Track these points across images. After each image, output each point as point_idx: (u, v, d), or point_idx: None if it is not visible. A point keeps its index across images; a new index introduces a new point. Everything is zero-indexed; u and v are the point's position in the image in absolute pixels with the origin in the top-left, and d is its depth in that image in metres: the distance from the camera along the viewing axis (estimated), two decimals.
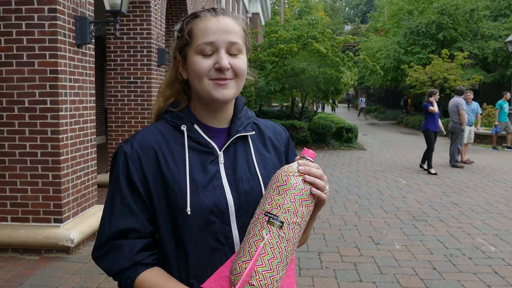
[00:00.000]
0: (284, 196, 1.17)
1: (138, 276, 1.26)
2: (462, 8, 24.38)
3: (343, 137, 16.15)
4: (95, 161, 5.87)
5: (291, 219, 1.16)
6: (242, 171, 1.33)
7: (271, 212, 1.16)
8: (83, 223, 5.26)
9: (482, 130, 16.98)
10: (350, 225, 6.37)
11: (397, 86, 30.14)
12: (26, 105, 4.91)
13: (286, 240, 1.16)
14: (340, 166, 11.81)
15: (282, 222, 1.16)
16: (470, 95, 12.08)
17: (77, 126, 5.31)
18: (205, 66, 1.26)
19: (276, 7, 52.99)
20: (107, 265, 1.28)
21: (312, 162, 1.23)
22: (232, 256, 1.24)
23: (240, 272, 1.14)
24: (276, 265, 1.15)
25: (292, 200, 1.17)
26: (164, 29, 9.13)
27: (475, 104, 12.20)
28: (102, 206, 5.91)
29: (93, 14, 5.69)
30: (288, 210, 1.16)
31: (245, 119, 1.40)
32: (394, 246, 5.49)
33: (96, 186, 5.95)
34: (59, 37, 4.89)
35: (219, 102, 1.30)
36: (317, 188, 1.21)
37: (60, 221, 5.00)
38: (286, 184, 1.18)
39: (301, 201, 1.18)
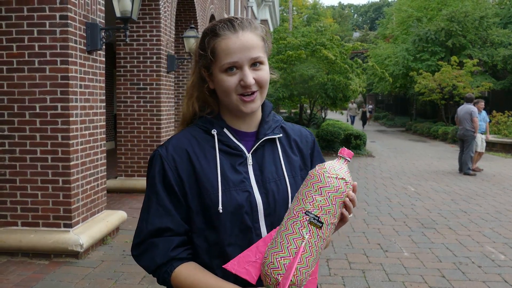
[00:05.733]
0: (326, 198, 1.21)
1: (175, 270, 1.33)
2: (471, 15, 24.30)
3: (352, 144, 16.12)
4: (105, 167, 5.91)
5: (330, 220, 1.22)
6: (269, 172, 1.40)
7: (312, 212, 1.21)
8: (92, 228, 5.29)
9: (491, 137, 16.88)
10: (358, 232, 6.36)
11: (406, 93, 30.06)
12: (37, 110, 4.95)
13: (323, 240, 1.23)
14: None
15: (322, 223, 1.21)
16: (482, 103, 12.03)
17: (87, 132, 5.35)
18: (231, 84, 1.33)
19: (285, 14, 53.11)
20: (146, 262, 1.36)
21: (349, 161, 1.27)
22: (257, 242, 1.29)
23: (279, 268, 1.20)
24: (312, 262, 1.22)
25: (333, 203, 1.22)
26: (174, 36, 9.19)
27: (484, 113, 12.16)
28: (111, 212, 5.97)
29: (103, 21, 5.75)
30: (328, 212, 1.22)
31: (273, 122, 1.47)
32: (403, 253, 5.47)
33: (106, 192, 5.99)
34: (70, 44, 4.94)
35: (247, 114, 1.38)
36: (347, 209, 1.27)
37: (69, 226, 5.03)
38: (329, 186, 1.22)
39: (340, 203, 1.23)
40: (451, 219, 7.11)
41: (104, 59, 5.81)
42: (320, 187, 1.22)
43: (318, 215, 1.20)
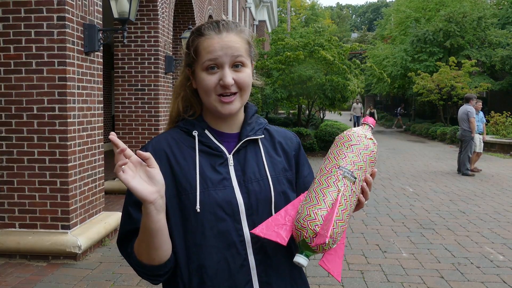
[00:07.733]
0: (357, 155, 1.27)
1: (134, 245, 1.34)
2: (470, 16, 24.34)
3: None
4: (103, 168, 5.90)
5: (361, 176, 1.28)
6: (251, 172, 1.39)
7: (345, 167, 1.25)
8: (90, 230, 5.28)
9: (489, 138, 16.90)
10: (357, 233, 6.35)
11: (404, 93, 30.08)
12: (35, 112, 4.94)
13: (356, 195, 1.27)
14: None
15: (355, 178, 1.26)
16: (480, 103, 12.03)
17: (85, 133, 5.34)
18: (211, 83, 1.34)
19: (283, 15, 53.14)
20: (131, 265, 1.37)
21: (372, 128, 1.33)
22: (286, 206, 1.31)
23: (316, 219, 1.21)
24: (346, 216, 1.24)
25: (364, 160, 1.28)
26: (172, 37, 9.18)
27: (481, 113, 12.16)
28: (109, 213, 5.96)
29: (101, 22, 5.74)
30: (360, 168, 1.27)
31: (256, 124, 1.47)
32: (401, 254, 5.46)
33: (104, 193, 5.97)
34: (67, 45, 4.93)
35: (225, 116, 1.38)
36: (363, 195, 1.31)
37: (67, 227, 5.02)
38: (359, 144, 1.28)
39: (370, 162, 1.29)
40: (449, 220, 7.11)
41: (101, 60, 5.80)
42: (351, 145, 1.28)
43: (351, 170, 1.25)
